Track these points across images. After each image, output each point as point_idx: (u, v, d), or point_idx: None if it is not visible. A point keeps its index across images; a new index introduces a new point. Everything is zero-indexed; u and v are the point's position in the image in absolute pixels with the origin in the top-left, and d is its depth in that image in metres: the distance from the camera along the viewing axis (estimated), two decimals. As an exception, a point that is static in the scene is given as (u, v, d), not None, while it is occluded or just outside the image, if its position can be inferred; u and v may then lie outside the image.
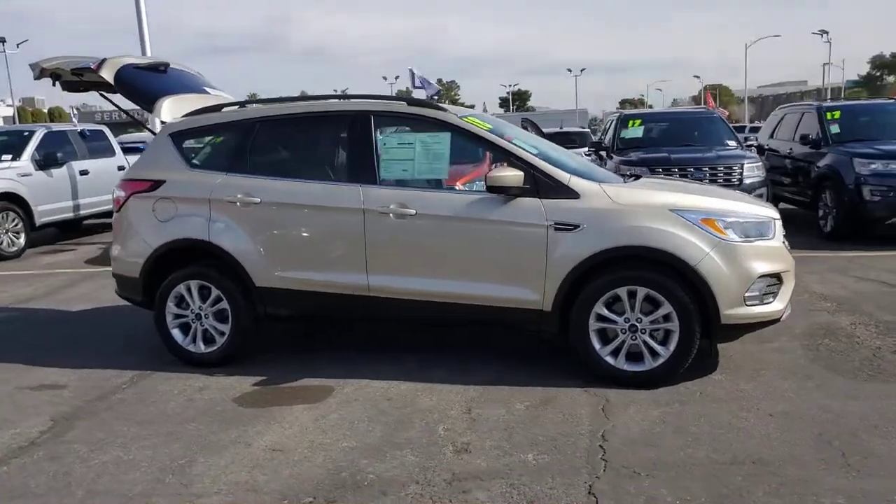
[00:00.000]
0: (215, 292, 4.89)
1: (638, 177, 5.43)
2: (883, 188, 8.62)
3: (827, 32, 52.09)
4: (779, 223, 4.40)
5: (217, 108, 5.20)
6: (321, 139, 5.05)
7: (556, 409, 4.00)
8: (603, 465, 3.34)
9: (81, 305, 7.12)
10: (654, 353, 4.24)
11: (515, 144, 4.52)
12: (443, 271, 4.49)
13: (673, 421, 3.80)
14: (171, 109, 5.29)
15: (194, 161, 5.07)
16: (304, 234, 4.72)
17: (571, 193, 4.32)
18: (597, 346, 4.31)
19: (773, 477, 3.17)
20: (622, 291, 4.22)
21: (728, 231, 4.17)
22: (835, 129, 9.84)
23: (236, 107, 5.19)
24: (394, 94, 7.85)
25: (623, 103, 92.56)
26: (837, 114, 10.03)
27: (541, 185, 4.34)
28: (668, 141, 10.02)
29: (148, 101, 5.27)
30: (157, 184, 5.01)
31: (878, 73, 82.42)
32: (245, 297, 4.87)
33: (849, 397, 4.02)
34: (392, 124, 4.72)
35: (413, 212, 4.46)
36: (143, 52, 14.07)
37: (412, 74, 11.01)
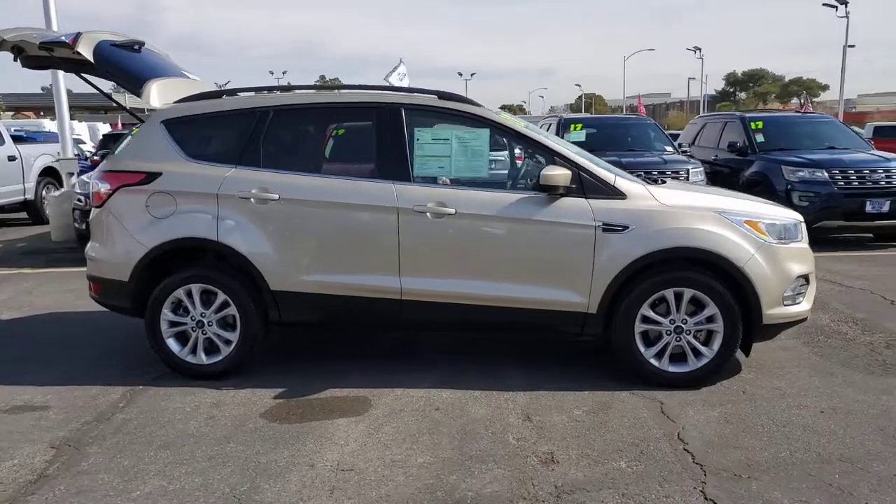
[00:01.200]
0: (221, 297, 4.43)
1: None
2: (810, 194, 9.24)
3: (700, 49, 55.77)
4: (804, 226, 4.54)
5: (217, 95, 4.72)
6: (348, 131, 4.71)
7: (617, 414, 3.92)
8: (700, 469, 3.29)
9: (12, 314, 6.29)
10: (697, 354, 4.26)
11: (556, 143, 4.41)
12: (482, 273, 4.30)
13: (736, 421, 3.82)
14: (160, 94, 4.75)
15: (194, 152, 4.56)
16: (330, 235, 4.37)
17: (618, 194, 4.26)
18: (641, 348, 4.27)
19: (866, 474, 3.24)
20: (669, 293, 4.21)
21: (768, 233, 4.26)
22: (760, 138, 10.45)
23: (243, 94, 4.73)
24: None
25: (503, 108, 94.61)
26: (761, 124, 10.67)
27: (587, 184, 4.25)
28: (610, 145, 10.26)
29: (132, 82, 4.69)
30: (151, 176, 4.48)
31: (732, 90, 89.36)
32: (256, 302, 4.45)
33: (881, 392, 4.21)
34: (424, 118, 4.45)
35: (452, 211, 4.24)
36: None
37: (396, 67, 10.57)
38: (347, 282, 4.37)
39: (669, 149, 10.68)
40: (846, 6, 31.07)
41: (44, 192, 12.73)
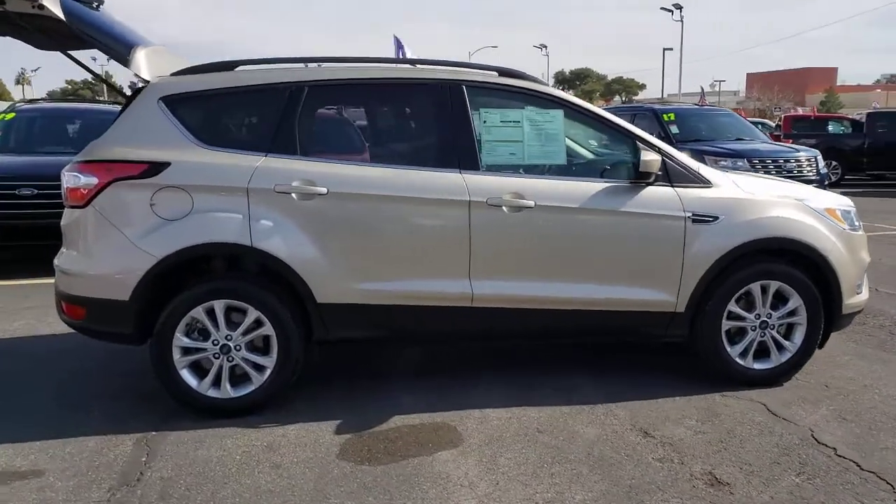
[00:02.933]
0: (253, 314, 3.61)
1: None
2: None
3: (546, 46, 57.71)
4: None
5: (228, 66, 3.85)
6: (399, 113, 4.01)
7: (732, 421, 3.62)
8: (877, 477, 3.05)
9: None
10: (780, 349, 4.06)
11: (635, 128, 4.01)
12: (563, 273, 3.82)
13: (852, 418, 3.65)
14: (151, 64, 3.80)
15: (208, 137, 3.67)
16: (389, 234, 3.69)
17: (704, 182, 3.95)
18: (727, 346, 4.01)
19: None
20: (755, 287, 3.97)
21: (844, 220, 4.14)
22: (675, 129, 10.74)
23: (264, 67, 3.88)
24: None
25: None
26: (673, 116, 10.97)
27: (672, 172, 3.90)
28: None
29: (116, 45, 3.69)
30: (155, 167, 3.55)
31: (562, 88, 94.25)
32: (297, 318, 3.68)
33: (946, 376, 4.24)
34: (487, 98, 3.87)
35: (531, 203, 3.72)
36: None
37: (397, 42, 9.31)
38: (409, 289, 3.72)
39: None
40: (681, 10, 33.53)
41: None
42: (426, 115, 3.80)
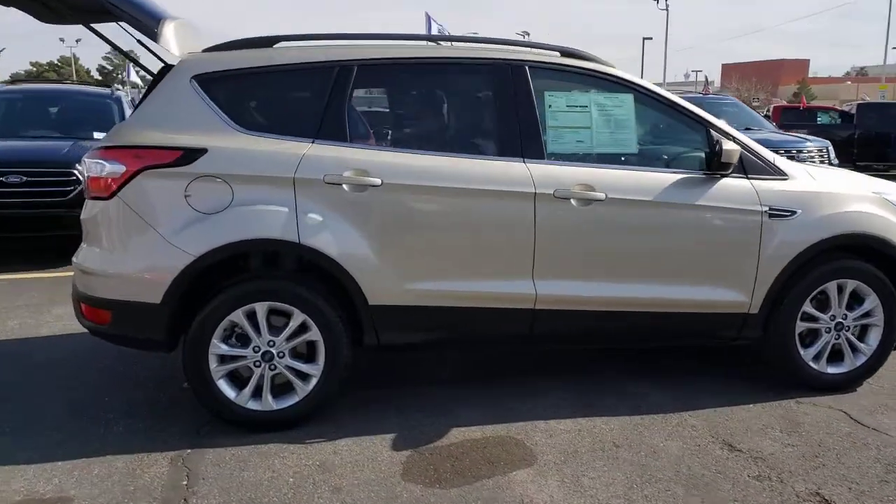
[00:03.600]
0: (299, 318, 3.25)
1: None
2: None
3: (528, 34, 57.29)
4: None
5: (266, 42, 3.47)
6: (457, 96, 3.65)
7: (818, 431, 3.37)
8: None
9: None
10: (854, 352, 3.81)
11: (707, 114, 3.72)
12: (634, 272, 3.53)
13: (943, 427, 3.42)
14: (180, 38, 3.40)
15: (247, 120, 3.30)
16: (448, 230, 3.35)
17: (779, 173, 3.67)
18: (800, 349, 3.75)
19: None
20: (832, 286, 3.71)
21: None
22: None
23: (306, 44, 3.51)
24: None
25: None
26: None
27: (747, 163, 3.61)
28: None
29: (143, 15, 3.28)
30: (190, 154, 3.17)
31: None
32: (346, 321, 3.33)
33: None
34: (550, 80, 3.54)
35: (601, 196, 3.41)
36: None
37: (428, 19, 8.75)
38: (468, 289, 3.39)
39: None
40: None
41: None
42: (486, 99, 3.47)
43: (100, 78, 64.33)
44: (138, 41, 3.57)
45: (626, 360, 4.25)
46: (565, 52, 3.63)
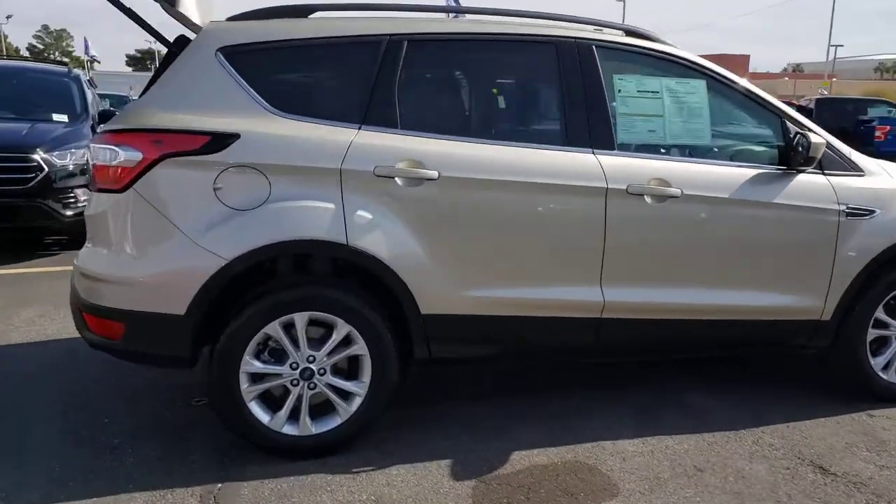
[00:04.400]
0: (343, 329, 2.83)
1: None
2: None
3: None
4: None
5: (302, 12, 3.01)
6: (519, 77, 3.25)
7: (906, 448, 3.12)
8: None
9: None
10: (921, 361, 3.60)
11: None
12: (707, 276, 3.22)
13: None
14: (202, 5, 2.92)
15: (283, 102, 2.84)
16: (510, 230, 2.97)
17: (856, 169, 3.41)
18: (870, 358, 3.51)
19: None
20: (902, 291, 3.48)
21: None
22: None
23: (346, 14, 3.06)
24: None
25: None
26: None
27: (824, 157, 3.33)
28: None
29: None
30: (219, 140, 2.70)
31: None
32: (396, 333, 2.93)
33: None
34: (617, 62, 3.18)
35: (677, 193, 3.08)
36: None
37: None
38: (531, 297, 3.03)
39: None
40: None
41: None
42: (551, 81, 3.08)
43: (29, 56, 61.22)
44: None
45: (673, 366, 3.95)
46: (630, 32, 3.28)
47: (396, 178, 2.81)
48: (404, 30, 2.95)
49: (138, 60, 79.66)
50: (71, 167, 6.29)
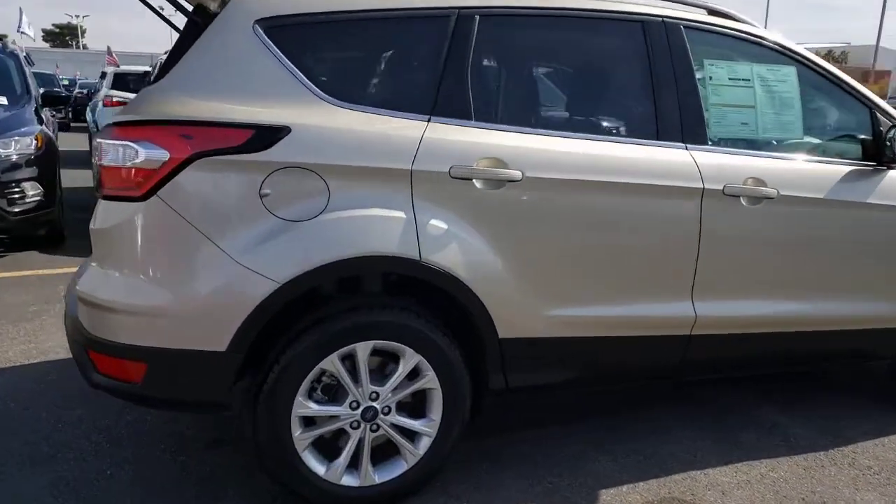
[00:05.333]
0: (412, 360, 2.38)
1: None
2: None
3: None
4: None
5: (354, -21, 2.50)
6: (604, 60, 2.81)
7: None
8: None
9: None
10: None
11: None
12: (803, 285, 2.90)
13: None
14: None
15: (337, 87, 2.34)
16: (605, 238, 2.56)
17: (942, 164, 3.14)
18: (950, 364, 3.29)
19: None
20: None
21: None
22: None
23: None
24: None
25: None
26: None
27: (909, 151, 3.05)
28: None
29: None
30: (266, 134, 2.19)
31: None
32: (470, 361, 2.50)
33: None
34: (705, 45, 2.79)
35: (773, 193, 2.74)
36: None
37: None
38: (622, 314, 2.64)
39: None
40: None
41: None
42: (640, 66, 2.66)
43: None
44: None
45: (732, 379, 3.65)
46: (713, 11, 2.90)
47: (474, 180, 2.35)
48: (475, 2, 2.48)
49: (56, 36, 74.30)
50: (15, 157, 5.52)
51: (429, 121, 2.36)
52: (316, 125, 2.23)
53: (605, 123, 2.72)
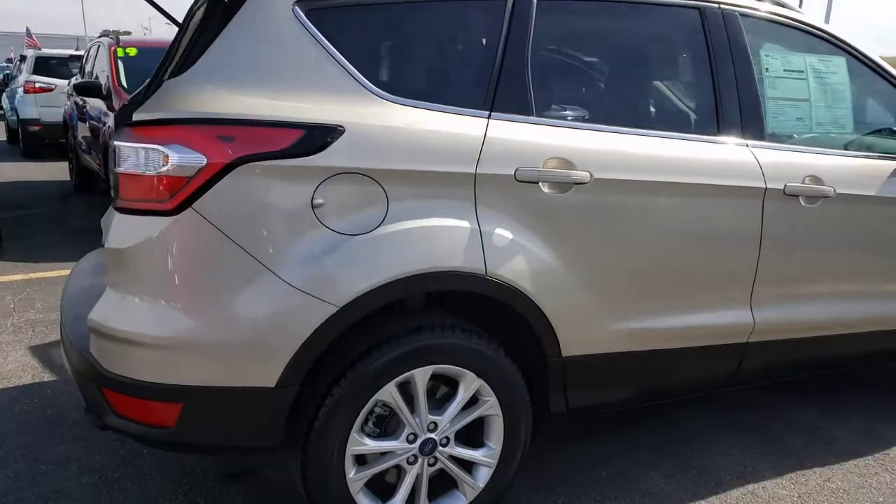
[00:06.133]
0: (473, 385, 2.14)
1: None
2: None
3: None
4: None
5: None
6: (667, 50, 2.58)
7: None
8: None
9: None
10: None
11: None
12: (861, 285, 2.81)
13: None
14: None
15: (389, 80, 2.06)
16: (674, 244, 2.37)
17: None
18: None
19: None
20: None
21: None
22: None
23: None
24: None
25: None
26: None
27: (948, 146, 2.97)
28: None
29: None
30: (317, 135, 1.89)
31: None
32: (531, 384, 2.27)
33: None
34: (759, 36, 2.61)
35: (830, 192, 2.61)
36: None
37: None
38: (683, 324, 2.46)
39: None
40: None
41: None
42: (700, 57, 2.46)
43: None
44: None
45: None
46: (769, -2, 2.73)
47: (543, 184, 2.12)
48: (527, -15, 2.22)
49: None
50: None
51: (489, 117, 2.10)
52: (371, 124, 1.95)
53: (667, 119, 2.54)
